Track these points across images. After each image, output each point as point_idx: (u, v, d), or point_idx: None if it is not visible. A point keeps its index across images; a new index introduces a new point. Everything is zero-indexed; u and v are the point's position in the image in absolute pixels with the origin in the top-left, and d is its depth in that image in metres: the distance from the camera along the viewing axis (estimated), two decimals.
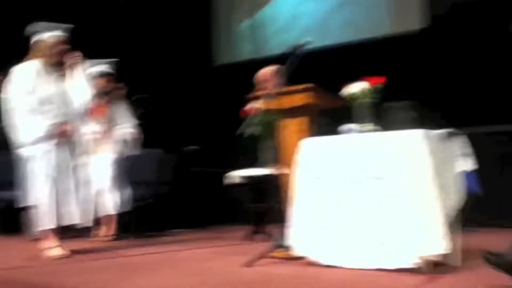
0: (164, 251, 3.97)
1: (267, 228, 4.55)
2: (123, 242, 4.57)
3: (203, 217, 6.19)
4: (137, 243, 4.47)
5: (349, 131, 3.13)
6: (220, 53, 8.11)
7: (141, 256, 3.73)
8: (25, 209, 3.87)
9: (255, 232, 4.57)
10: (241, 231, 4.67)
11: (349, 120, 3.19)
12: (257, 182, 4.43)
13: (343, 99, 3.49)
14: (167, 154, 5.65)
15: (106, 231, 4.87)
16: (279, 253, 3.22)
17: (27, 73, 3.80)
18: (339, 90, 3.48)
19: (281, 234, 3.20)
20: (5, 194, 5.21)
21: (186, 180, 6.14)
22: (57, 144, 3.81)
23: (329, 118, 3.75)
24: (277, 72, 4.36)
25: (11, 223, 5.32)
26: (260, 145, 4.48)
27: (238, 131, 3.94)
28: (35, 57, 3.87)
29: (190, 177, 6.31)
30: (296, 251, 3.07)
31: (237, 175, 4.54)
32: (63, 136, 3.83)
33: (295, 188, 3.13)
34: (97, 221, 4.81)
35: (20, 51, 3.89)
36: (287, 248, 3.16)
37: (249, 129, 3.83)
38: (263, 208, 4.47)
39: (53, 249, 3.73)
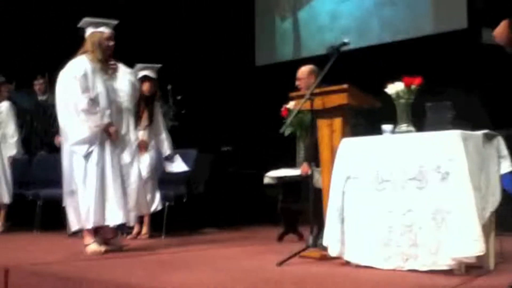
0: (197, 250, 4.03)
1: (299, 228, 4.56)
2: (156, 241, 4.64)
3: (237, 216, 6.25)
4: (170, 241, 4.53)
5: (385, 131, 3.11)
6: (262, 53, 8.16)
7: (174, 254, 3.79)
8: (67, 206, 3.91)
9: (287, 232, 4.58)
10: (275, 231, 4.69)
11: (386, 120, 3.17)
12: (289, 183, 4.43)
13: (380, 99, 3.47)
14: (203, 154, 5.73)
15: (140, 230, 4.94)
16: (312, 253, 3.23)
17: (80, 70, 3.77)
18: (377, 90, 3.46)
19: (315, 234, 3.21)
20: (49, 192, 5.41)
21: (221, 180, 6.20)
22: (105, 144, 3.81)
23: (365, 119, 3.73)
24: (310, 72, 4.38)
25: (53, 219, 5.52)
26: (297, 145, 4.50)
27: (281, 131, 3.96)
28: (85, 52, 3.86)
29: (225, 177, 6.36)
30: (330, 251, 3.07)
31: (271, 175, 4.55)
32: (111, 136, 3.83)
33: (331, 188, 3.13)
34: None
35: (62, 53, 3.97)
36: (320, 248, 3.17)
37: (282, 129, 3.83)
38: (295, 208, 4.47)
39: (92, 245, 3.76)
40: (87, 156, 3.75)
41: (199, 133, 6.54)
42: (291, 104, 4.10)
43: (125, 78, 4.00)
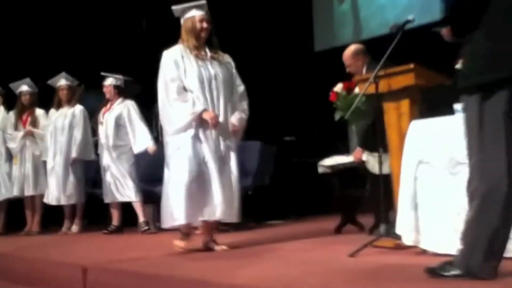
0: (266, 242, 3.97)
1: (359, 217, 4.41)
2: (225, 235, 4.60)
3: (302, 207, 6.16)
4: (238, 235, 4.45)
5: (457, 111, 2.93)
6: (321, 38, 8.00)
7: (244, 248, 3.74)
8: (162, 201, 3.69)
9: (345, 223, 4.41)
10: (336, 220, 4.54)
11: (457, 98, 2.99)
12: (345, 170, 4.25)
13: (450, 77, 3.27)
14: (267, 145, 5.67)
15: None
16: (385, 242, 3.11)
17: (171, 59, 3.59)
18: (446, 67, 3.27)
19: (387, 223, 3.09)
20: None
21: (286, 171, 6.13)
22: (200, 134, 3.56)
23: (435, 99, 3.54)
24: (353, 54, 4.16)
25: (125, 218, 5.66)
26: (348, 130, 4.31)
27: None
28: (182, 39, 3.67)
29: (289, 168, 6.29)
30: (404, 240, 2.94)
31: (324, 164, 4.38)
32: (211, 125, 3.54)
33: (401, 174, 2.99)
34: None
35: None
36: (393, 237, 3.04)
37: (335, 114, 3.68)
38: (353, 196, 4.31)
39: (178, 242, 3.62)
40: (180, 148, 3.53)
41: (261, 124, 6.50)
42: (338, 87, 3.91)
43: (223, 62, 3.73)
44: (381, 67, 3.20)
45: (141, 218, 5.49)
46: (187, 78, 3.58)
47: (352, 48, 4.24)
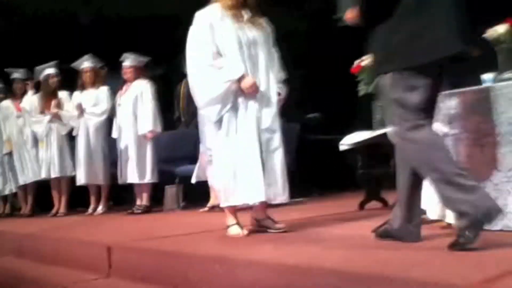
0: (289, 219, 3.92)
1: (383, 193, 4.33)
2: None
3: (321, 184, 6.10)
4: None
5: (485, 81, 2.83)
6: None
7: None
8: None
9: (369, 199, 4.35)
10: (359, 197, 4.50)
11: (489, 68, 2.88)
12: (367, 146, 4.17)
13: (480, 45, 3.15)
14: (290, 124, 5.60)
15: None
16: None
17: (205, 21, 3.19)
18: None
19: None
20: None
21: (308, 148, 6.07)
22: (238, 105, 3.16)
23: (461, 70, 3.42)
24: None
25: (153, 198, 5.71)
26: (372, 105, 4.21)
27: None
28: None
29: (311, 145, 6.22)
30: (429, 214, 2.88)
31: (346, 141, 4.28)
32: (249, 93, 3.14)
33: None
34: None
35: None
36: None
37: (359, 88, 3.57)
38: (375, 173, 4.23)
39: (232, 228, 3.23)
40: (219, 121, 3.17)
41: (283, 103, 6.44)
42: (365, 61, 3.77)
43: (261, 26, 3.30)
44: None
45: (144, 201, 5.54)
46: (224, 42, 3.17)
47: None
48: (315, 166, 6.16)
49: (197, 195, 5.42)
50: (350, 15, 2.46)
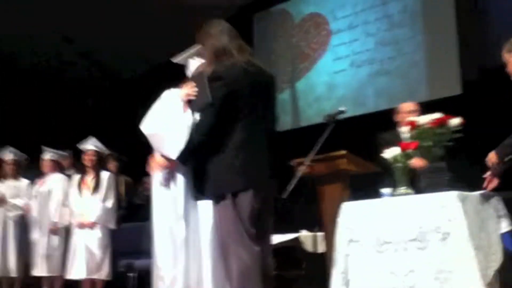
0: None
1: None
2: None
3: None
4: None
5: (384, 195, 3.20)
6: None
7: None
8: None
9: None
10: None
11: (386, 184, 3.27)
12: (282, 249, 4.39)
13: (377, 164, 3.59)
14: None
15: None
16: None
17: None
18: (376, 156, 3.57)
19: None
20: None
21: None
22: None
23: (364, 183, 3.82)
24: (412, 110, 4.27)
25: None
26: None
27: None
28: None
29: None
30: None
31: None
32: None
33: (334, 252, 3.17)
34: None
35: None
36: None
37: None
38: (290, 276, 4.41)
39: None
40: None
41: None
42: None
43: None
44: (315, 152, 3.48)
45: None
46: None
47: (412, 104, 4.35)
48: None
49: None
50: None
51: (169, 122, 2.95)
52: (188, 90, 2.97)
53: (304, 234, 4.11)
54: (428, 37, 6.66)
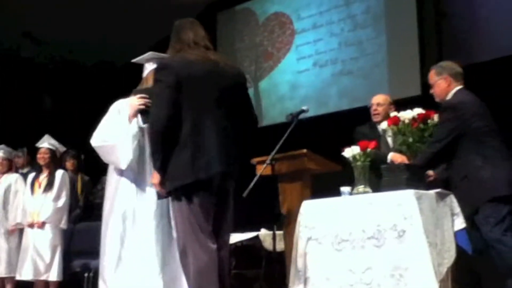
0: None
1: None
2: None
3: None
4: None
5: (343, 193, 3.23)
6: None
7: None
8: None
9: None
10: None
11: (345, 183, 3.29)
12: (241, 248, 4.40)
13: (338, 163, 3.61)
14: None
15: None
16: None
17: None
18: (337, 155, 3.59)
19: None
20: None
21: None
22: None
23: (325, 182, 3.85)
24: (390, 102, 4.26)
25: None
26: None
27: None
28: None
29: None
30: None
31: None
32: None
33: (294, 250, 3.18)
34: None
35: None
36: None
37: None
38: (249, 274, 4.40)
39: None
40: None
41: None
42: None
43: None
44: (277, 151, 3.47)
45: None
46: None
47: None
48: None
49: None
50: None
51: (114, 133, 3.03)
52: (140, 100, 3.03)
53: (263, 232, 4.12)
54: (390, 38, 6.75)
